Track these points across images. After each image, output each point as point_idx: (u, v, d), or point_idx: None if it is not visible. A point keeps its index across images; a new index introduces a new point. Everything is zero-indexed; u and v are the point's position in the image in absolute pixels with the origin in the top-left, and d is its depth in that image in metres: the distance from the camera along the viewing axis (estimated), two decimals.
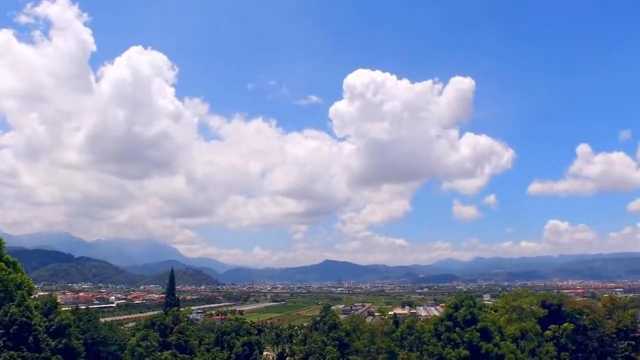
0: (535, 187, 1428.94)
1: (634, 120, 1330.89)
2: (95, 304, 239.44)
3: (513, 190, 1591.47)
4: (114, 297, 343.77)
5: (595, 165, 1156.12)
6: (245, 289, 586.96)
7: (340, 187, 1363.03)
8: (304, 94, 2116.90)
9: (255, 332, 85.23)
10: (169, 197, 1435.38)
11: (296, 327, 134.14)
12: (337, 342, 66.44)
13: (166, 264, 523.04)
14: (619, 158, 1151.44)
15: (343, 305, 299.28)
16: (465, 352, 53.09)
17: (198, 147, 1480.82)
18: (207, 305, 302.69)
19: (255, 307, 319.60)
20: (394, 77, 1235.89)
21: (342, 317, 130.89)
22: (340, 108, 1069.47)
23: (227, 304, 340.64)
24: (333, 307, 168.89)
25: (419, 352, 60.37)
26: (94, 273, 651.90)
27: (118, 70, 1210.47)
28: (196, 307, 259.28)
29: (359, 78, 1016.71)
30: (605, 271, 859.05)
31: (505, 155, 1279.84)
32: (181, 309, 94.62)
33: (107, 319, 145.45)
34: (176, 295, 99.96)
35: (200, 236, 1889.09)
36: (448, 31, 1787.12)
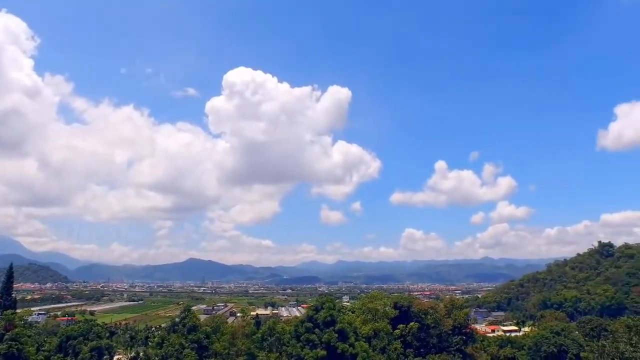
0: (397, 197, 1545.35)
1: (482, 143, 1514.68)
2: None
3: (377, 198, 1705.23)
4: None
5: (448, 181, 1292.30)
6: (99, 287, 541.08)
7: (211, 184, 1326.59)
8: (182, 85, 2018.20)
9: (107, 334, 78.75)
10: (14, 182, 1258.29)
11: (153, 329, 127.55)
12: (196, 345, 64.27)
13: (5, 258, 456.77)
14: (467, 175, 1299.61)
15: (205, 306, 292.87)
16: (322, 353, 55.04)
17: (56, 130, 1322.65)
18: (53, 306, 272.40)
19: (109, 306, 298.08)
20: (275, 79, 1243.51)
21: (203, 317, 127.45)
22: (217, 104, 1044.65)
23: (77, 303, 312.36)
24: (194, 308, 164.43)
25: (278, 354, 61.10)
26: None
27: None
28: (38, 308, 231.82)
29: (239, 76, 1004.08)
30: (449, 275, 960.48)
31: (373, 165, 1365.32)
32: (18, 311, 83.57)
33: None
34: (13, 295, 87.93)
35: (51, 228, 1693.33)
36: (331, 42, 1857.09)
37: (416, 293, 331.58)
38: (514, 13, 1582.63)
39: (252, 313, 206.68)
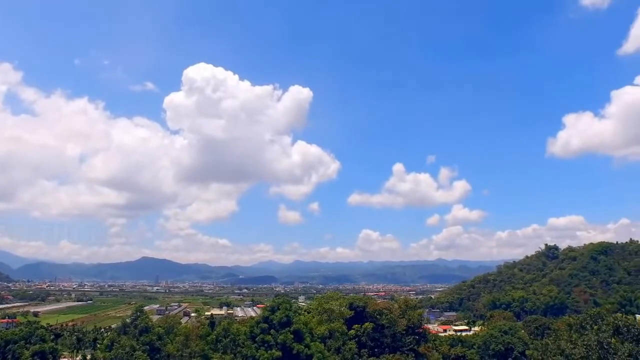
0: (354, 198, 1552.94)
1: (439, 147, 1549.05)
2: None
3: (335, 199, 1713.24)
4: None
5: (406, 183, 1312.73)
6: (44, 286, 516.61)
7: (167, 182, 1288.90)
8: (140, 79, 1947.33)
9: (52, 337, 75.34)
10: None
11: (103, 330, 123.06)
12: (148, 347, 62.61)
13: None
14: (424, 179, 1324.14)
15: (158, 306, 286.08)
16: (278, 354, 54.85)
17: (2, 120, 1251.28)
18: None
19: (55, 307, 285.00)
20: (237, 76, 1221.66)
21: (156, 318, 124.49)
22: (176, 100, 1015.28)
23: (20, 304, 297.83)
24: (147, 308, 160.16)
25: (232, 355, 60.38)
26: None
27: None
28: None
29: (200, 72, 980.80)
30: (404, 276, 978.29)
31: (332, 166, 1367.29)
32: None
33: None
34: None
35: None
36: (294, 42, 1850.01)
37: (371, 293, 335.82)
38: (472, 22, 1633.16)
39: (206, 313, 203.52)
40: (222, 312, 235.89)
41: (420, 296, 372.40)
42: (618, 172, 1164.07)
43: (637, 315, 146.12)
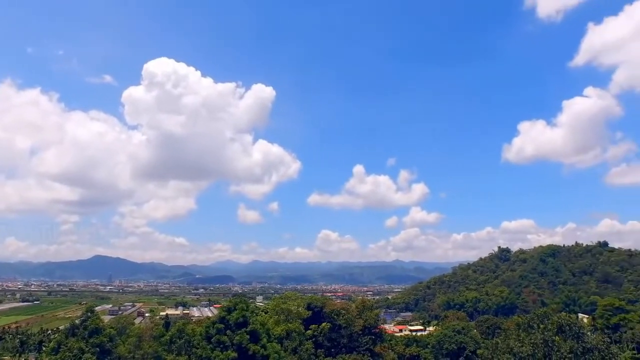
0: (314, 199, 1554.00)
1: (399, 150, 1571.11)
2: None
3: (295, 199, 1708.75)
4: None
5: (366, 185, 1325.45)
6: None
7: (124, 178, 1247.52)
8: (98, 72, 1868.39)
9: None
10: None
11: (49, 332, 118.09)
12: (98, 349, 60.43)
13: None
14: (384, 181, 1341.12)
15: (110, 306, 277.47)
16: (233, 354, 54.16)
17: None
18: None
19: None
20: (199, 73, 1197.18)
21: (108, 318, 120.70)
22: (135, 94, 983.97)
23: None
24: (98, 308, 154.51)
25: (187, 356, 59.26)
26: None
27: None
28: None
29: (161, 66, 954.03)
30: (361, 277, 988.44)
31: (293, 166, 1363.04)
32: None
33: None
34: None
35: None
36: (258, 40, 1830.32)
37: (329, 294, 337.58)
38: (434, 29, 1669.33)
39: (161, 313, 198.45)
40: (178, 312, 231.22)
41: (378, 297, 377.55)
42: (567, 178, 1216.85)
43: (579, 314, 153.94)
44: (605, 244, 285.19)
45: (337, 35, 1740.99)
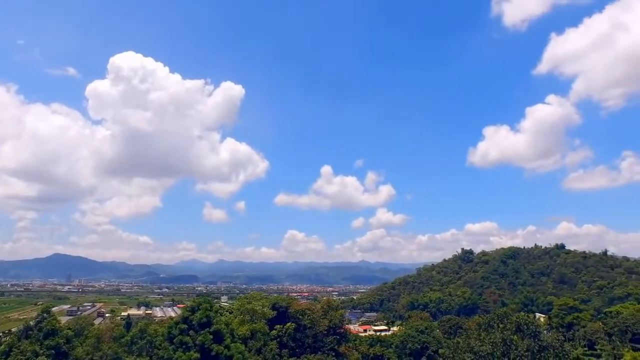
0: (282, 199, 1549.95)
1: (367, 152, 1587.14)
2: None
3: (262, 199, 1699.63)
4: None
5: (333, 185, 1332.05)
6: None
7: (85, 174, 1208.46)
8: (60, 64, 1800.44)
9: None
10: None
11: (1, 335, 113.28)
12: (54, 351, 58.19)
13: None
14: (351, 182, 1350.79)
15: (69, 306, 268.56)
16: (196, 355, 53.32)
17: None
18: None
19: None
20: (167, 68, 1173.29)
21: (65, 319, 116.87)
22: (100, 88, 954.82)
23: None
24: (55, 308, 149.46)
25: (148, 357, 58.02)
26: None
27: None
28: None
29: (127, 60, 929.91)
30: (327, 277, 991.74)
31: (261, 166, 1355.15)
32: None
33: None
34: None
35: None
36: (229, 37, 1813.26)
37: (295, 294, 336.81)
38: (403, 33, 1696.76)
39: (122, 313, 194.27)
40: (140, 312, 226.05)
41: (343, 297, 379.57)
42: (528, 182, 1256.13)
43: (537, 313, 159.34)
44: (562, 246, 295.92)
45: (308, 36, 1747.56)
